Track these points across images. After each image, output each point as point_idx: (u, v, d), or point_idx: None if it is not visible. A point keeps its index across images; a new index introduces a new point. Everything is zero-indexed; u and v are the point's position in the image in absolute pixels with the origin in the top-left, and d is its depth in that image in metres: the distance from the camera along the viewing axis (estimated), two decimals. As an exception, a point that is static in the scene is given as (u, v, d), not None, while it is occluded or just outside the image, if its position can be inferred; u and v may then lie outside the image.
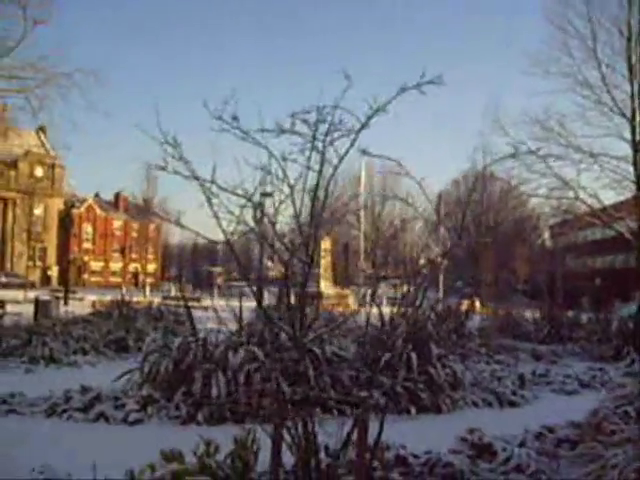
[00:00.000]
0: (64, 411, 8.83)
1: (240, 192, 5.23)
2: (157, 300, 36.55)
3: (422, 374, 10.59)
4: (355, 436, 5.23)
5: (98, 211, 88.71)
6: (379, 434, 5.29)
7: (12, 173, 73.89)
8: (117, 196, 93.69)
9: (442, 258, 7.32)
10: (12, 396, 9.27)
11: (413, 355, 10.49)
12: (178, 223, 5.38)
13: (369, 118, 4.78)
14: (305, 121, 4.79)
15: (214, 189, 5.40)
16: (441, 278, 50.63)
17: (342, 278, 60.02)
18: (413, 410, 9.99)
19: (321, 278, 45.61)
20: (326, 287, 45.05)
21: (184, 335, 10.18)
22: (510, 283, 65.50)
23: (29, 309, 27.91)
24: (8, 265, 76.47)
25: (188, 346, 9.42)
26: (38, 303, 25.07)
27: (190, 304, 33.33)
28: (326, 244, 47.08)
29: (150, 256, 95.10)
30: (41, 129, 66.10)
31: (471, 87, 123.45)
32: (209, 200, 5.18)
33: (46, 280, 77.07)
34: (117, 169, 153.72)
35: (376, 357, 11.05)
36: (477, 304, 55.13)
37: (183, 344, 9.44)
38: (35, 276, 77.01)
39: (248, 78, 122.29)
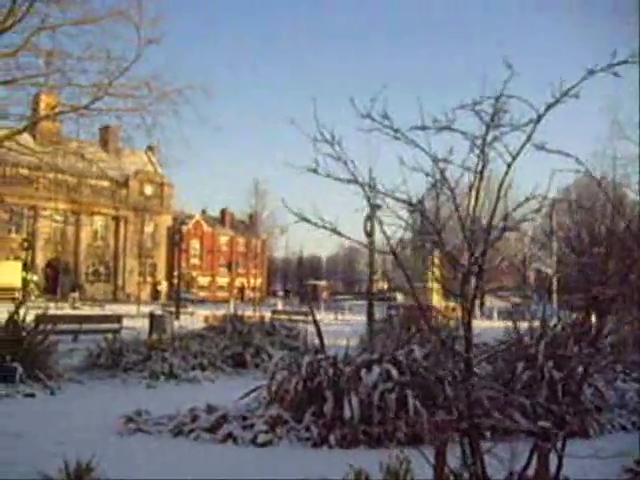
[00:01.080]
0: (191, 431, 8.50)
1: (402, 196, 4.68)
2: (266, 314, 36.60)
3: (566, 394, 9.76)
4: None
5: (205, 227, 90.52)
6: (558, 468, 4.65)
7: (123, 192, 76.25)
8: (223, 212, 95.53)
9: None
10: (138, 414, 9.02)
11: (555, 373, 9.71)
12: (334, 231, 4.87)
13: (549, 107, 4.16)
14: (477, 113, 4.22)
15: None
16: (555, 290, 48.81)
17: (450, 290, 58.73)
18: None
19: (431, 291, 44.70)
20: (437, 300, 44.08)
21: (313, 352, 9.67)
22: (630, 294, 62.44)
23: (143, 323, 28.34)
24: (120, 281, 78.92)
25: (318, 364, 8.93)
26: (153, 318, 25.33)
27: (300, 318, 33.12)
28: (436, 255, 46.11)
29: (255, 271, 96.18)
30: (150, 148, 68.06)
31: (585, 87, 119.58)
32: (372, 206, 4.70)
33: (155, 295, 79.10)
34: (223, 185, 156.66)
35: (513, 375, 10.35)
36: (593, 317, 52.90)
37: (313, 362, 8.96)
38: (146, 291, 79.19)
39: (397, 73, 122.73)
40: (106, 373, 13.82)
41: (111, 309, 44.89)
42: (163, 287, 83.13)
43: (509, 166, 4.54)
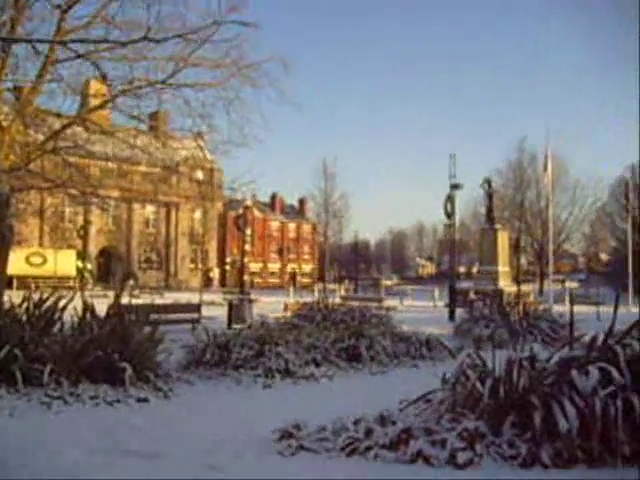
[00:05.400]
0: (367, 449, 6.88)
1: None
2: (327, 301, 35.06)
3: None
4: None
5: (256, 212, 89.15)
6: None
7: (174, 178, 75.13)
8: (273, 197, 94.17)
9: None
10: (297, 427, 7.43)
11: None
12: None
13: None
14: None
15: None
16: (630, 275, 46.27)
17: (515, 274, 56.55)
18: None
19: (499, 275, 42.58)
20: (505, 285, 42.07)
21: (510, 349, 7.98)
22: None
23: (210, 311, 26.94)
24: (172, 268, 78.08)
25: (517, 364, 7.25)
26: (231, 306, 23.96)
27: (372, 304, 31.42)
28: (504, 239, 43.93)
29: (307, 256, 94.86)
30: (199, 134, 66.74)
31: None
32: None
33: (208, 282, 78.11)
34: (273, 169, 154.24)
35: None
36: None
37: (511, 360, 7.27)
38: (197, 278, 78.32)
39: None
40: (215, 371, 12.25)
41: (171, 297, 43.86)
42: (215, 274, 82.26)
43: None
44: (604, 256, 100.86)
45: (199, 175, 76.30)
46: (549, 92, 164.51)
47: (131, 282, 54.69)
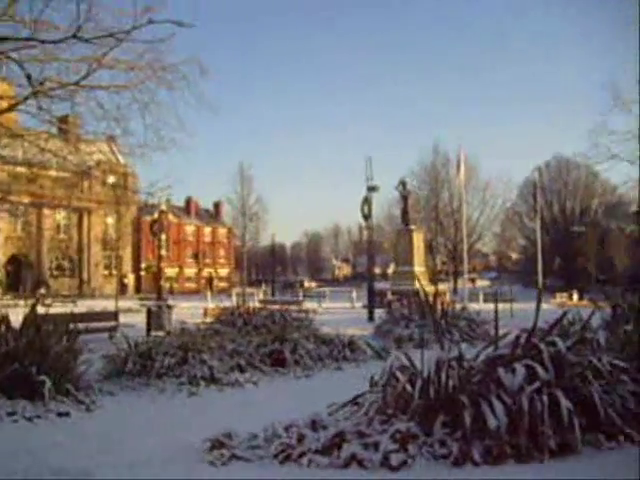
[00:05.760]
0: (301, 455, 6.82)
1: None
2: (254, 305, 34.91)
3: None
4: None
5: (170, 217, 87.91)
6: None
7: (85, 183, 73.28)
8: (188, 201, 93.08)
9: None
10: (228, 436, 7.30)
11: None
12: None
13: None
14: None
15: None
16: (540, 272, 47.80)
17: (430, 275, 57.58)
18: None
19: (416, 275, 43.21)
20: (422, 285, 42.68)
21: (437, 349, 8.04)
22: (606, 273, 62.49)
23: (126, 318, 26.29)
24: (85, 274, 76.20)
25: (446, 364, 7.33)
26: (150, 313, 23.50)
27: (290, 308, 31.45)
28: (419, 239, 44.65)
29: (223, 260, 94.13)
30: (111, 138, 65.25)
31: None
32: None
33: (122, 289, 76.52)
34: (186, 173, 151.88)
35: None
36: (575, 298, 52.20)
37: (440, 361, 7.34)
38: (111, 285, 76.61)
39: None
40: (138, 381, 11.93)
41: (85, 305, 42.73)
42: (130, 280, 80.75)
43: None
44: (514, 255, 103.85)
45: (112, 179, 74.29)
46: (462, 96, 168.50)
47: (42, 290, 53.10)
